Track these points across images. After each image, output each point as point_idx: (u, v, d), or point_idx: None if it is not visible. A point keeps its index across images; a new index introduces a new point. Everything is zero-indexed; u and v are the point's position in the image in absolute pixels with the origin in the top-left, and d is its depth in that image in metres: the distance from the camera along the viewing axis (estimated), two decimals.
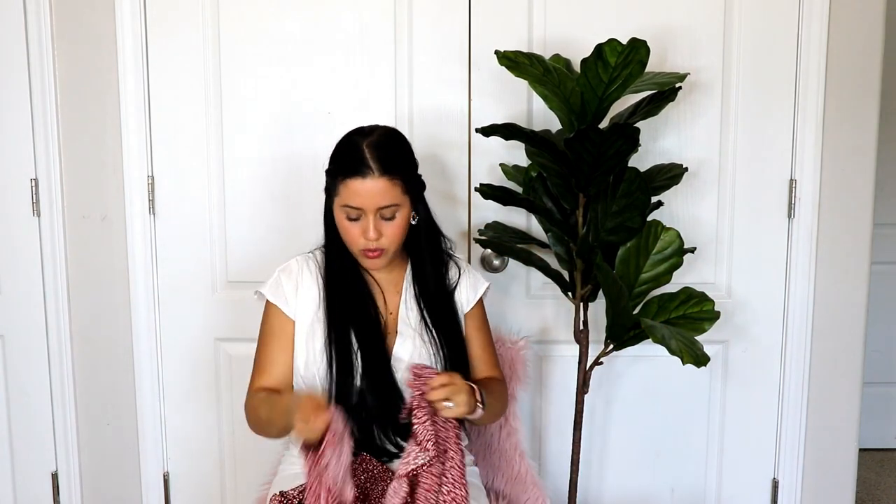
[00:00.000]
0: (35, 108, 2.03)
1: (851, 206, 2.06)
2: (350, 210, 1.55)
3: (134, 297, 2.10)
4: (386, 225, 1.56)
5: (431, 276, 1.68)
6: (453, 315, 1.70)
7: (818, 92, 2.01)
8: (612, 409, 2.17)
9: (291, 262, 1.69)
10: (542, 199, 1.86)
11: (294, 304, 1.65)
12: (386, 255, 1.60)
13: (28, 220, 2.08)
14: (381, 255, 1.59)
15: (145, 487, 2.18)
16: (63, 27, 2.02)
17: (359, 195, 1.53)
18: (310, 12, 2.01)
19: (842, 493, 2.18)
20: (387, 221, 1.56)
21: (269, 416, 1.58)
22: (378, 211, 1.54)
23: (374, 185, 1.52)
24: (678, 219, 2.07)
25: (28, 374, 2.14)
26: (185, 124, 2.05)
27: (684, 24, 2.00)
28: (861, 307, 2.10)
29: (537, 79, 1.69)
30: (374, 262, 1.60)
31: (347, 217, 1.56)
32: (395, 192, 1.54)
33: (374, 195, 1.52)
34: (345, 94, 2.03)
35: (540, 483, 1.89)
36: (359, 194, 1.52)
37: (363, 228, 1.55)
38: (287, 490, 1.56)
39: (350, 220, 1.56)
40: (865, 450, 3.02)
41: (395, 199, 1.54)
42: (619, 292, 1.70)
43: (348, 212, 1.55)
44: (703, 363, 1.61)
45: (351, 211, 1.55)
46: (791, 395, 2.13)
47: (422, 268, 1.68)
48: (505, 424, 1.88)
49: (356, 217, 1.55)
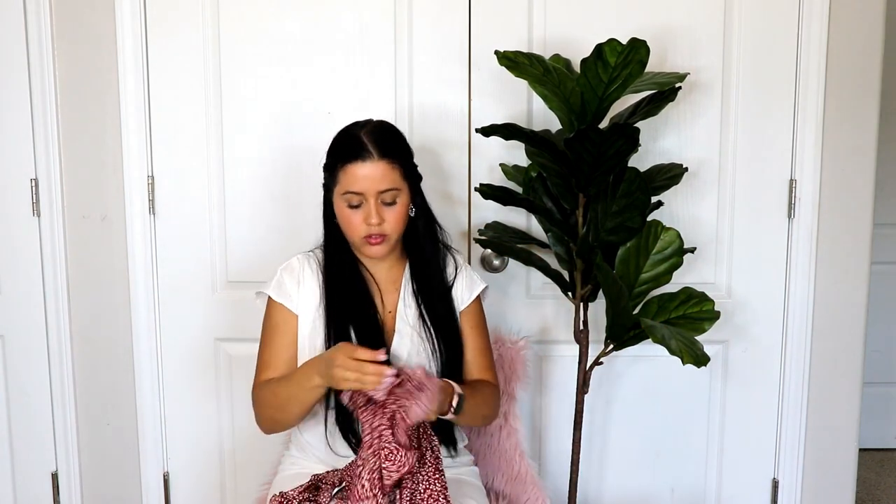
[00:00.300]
0: (35, 108, 2.03)
1: (851, 206, 2.06)
2: (352, 196, 1.56)
3: (134, 297, 2.10)
4: (387, 210, 1.57)
5: (431, 271, 1.68)
6: (451, 312, 1.70)
7: (818, 92, 2.01)
8: (612, 409, 2.17)
9: (293, 260, 1.70)
10: (542, 199, 1.86)
11: (297, 301, 1.66)
12: (388, 243, 1.60)
13: (28, 220, 2.08)
14: (384, 241, 1.59)
15: (145, 487, 2.18)
16: (63, 27, 2.02)
17: (359, 179, 1.54)
18: (310, 12, 2.01)
19: (842, 493, 2.18)
20: (388, 207, 1.57)
21: (288, 391, 1.56)
22: (379, 195, 1.55)
23: (374, 168, 1.54)
24: (678, 219, 2.07)
25: (28, 374, 2.14)
26: (185, 124, 2.05)
27: (684, 24, 2.00)
28: (861, 307, 2.10)
29: (537, 79, 1.69)
30: (377, 250, 1.60)
31: (349, 204, 1.57)
32: (395, 175, 1.56)
33: (374, 178, 1.54)
34: (345, 94, 2.03)
35: (540, 483, 1.89)
36: (359, 179, 1.54)
37: (365, 214, 1.56)
38: (287, 490, 1.56)
39: (351, 207, 1.57)
40: (865, 450, 3.02)
41: (395, 182, 1.56)
42: (619, 292, 1.70)
43: (350, 198, 1.56)
44: (703, 363, 1.61)
45: (352, 197, 1.56)
46: (791, 395, 2.13)
47: (420, 263, 1.69)
48: (505, 424, 1.88)
49: (357, 204, 1.56)
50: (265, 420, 1.65)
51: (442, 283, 1.70)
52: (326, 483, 1.57)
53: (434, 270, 1.69)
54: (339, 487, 1.54)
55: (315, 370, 1.51)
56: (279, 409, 1.60)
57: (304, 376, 1.54)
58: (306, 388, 1.53)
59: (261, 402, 1.64)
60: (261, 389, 1.64)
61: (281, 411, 1.60)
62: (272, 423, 1.64)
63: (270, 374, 1.65)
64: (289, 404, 1.58)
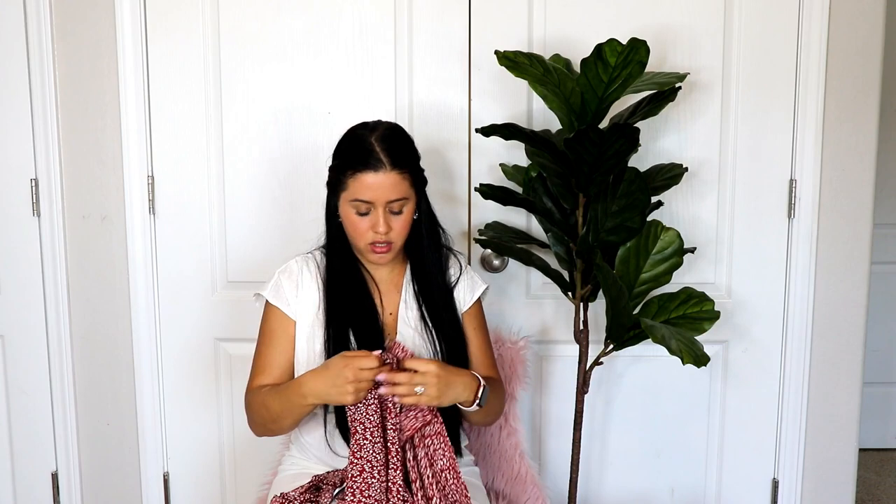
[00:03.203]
0: (35, 108, 2.03)
1: (851, 206, 2.06)
2: (360, 204, 1.55)
3: (134, 296, 2.10)
4: (394, 219, 1.57)
5: (432, 272, 1.68)
6: (453, 313, 1.69)
7: (818, 92, 2.01)
8: (612, 409, 2.17)
9: (291, 263, 1.69)
10: (542, 199, 1.86)
11: (295, 305, 1.65)
12: (393, 250, 1.60)
13: (28, 220, 2.08)
14: (390, 249, 1.59)
15: (145, 487, 2.18)
16: (63, 27, 2.02)
17: (370, 189, 1.53)
18: (310, 12, 2.01)
19: (842, 493, 2.18)
20: (395, 216, 1.57)
21: (281, 406, 1.54)
22: (388, 205, 1.55)
23: (385, 179, 1.53)
24: (678, 219, 2.07)
25: (28, 374, 2.14)
26: (185, 124, 2.05)
27: (684, 24, 2.00)
28: (861, 307, 2.10)
29: (537, 79, 1.69)
30: (382, 257, 1.60)
31: (357, 212, 1.56)
32: (405, 185, 1.55)
33: (385, 189, 1.53)
34: (345, 94, 2.03)
35: (540, 483, 1.89)
36: (370, 188, 1.53)
37: (373, 222, 1.55)
38: (288, 491, 1.56)
39: (359, 214, 1.56)
40: (865, 450, 3.03)
41: (404, 192, 1.55)
42: (619, 292, 1.70)
43: (358, 206, 1.55)
44: (703, 363, 1.61)
45: (361, 205, 1.55)
46: (791, 395, 2.13)
47: (422, 264, 1.68)
48: (505, 424, 1.88)
49: (366, 211, 1.56)
50: (257, 426, 1.65)
51: (444, 285, 1.69)
52: (327, 484, 1.57)
53: (435, 272, 1.69)
54: (339, 488, 1.54)
55: (310, 391, 1.49)
56: (271, 420, 1.59)
57: (297, 395, 1.51)
58: (299, 406, 1.52)
59: (253, 410, 1.63)
60: (254, 396, 1.62)
61: (272, 423, 1.60)
62: (264, 430, 1.64)
63: (264, 379, 1.64)
64: (281, 418, 1.57)
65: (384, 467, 1.48)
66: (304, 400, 1.50)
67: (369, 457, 1.48)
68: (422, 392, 1.47)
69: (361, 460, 1.48)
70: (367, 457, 1.48)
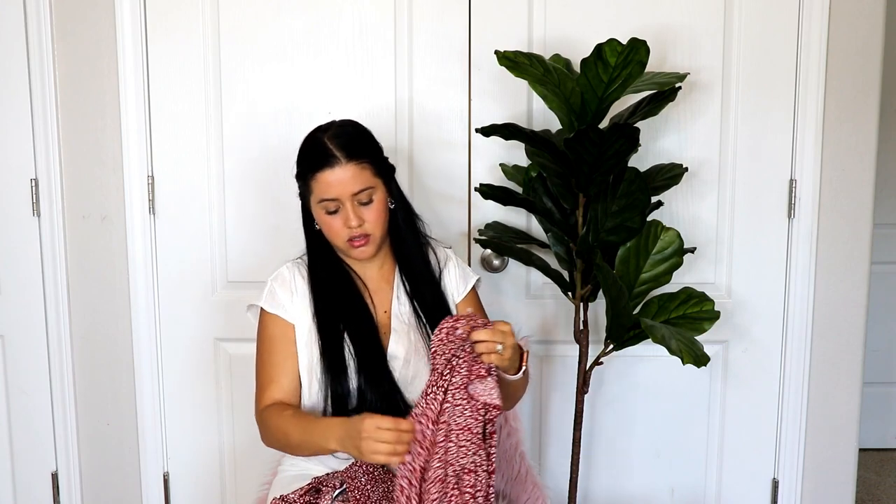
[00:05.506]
0: (35, 108, 2.03)
1: (851, 206, 2.06)
2: (328, 203, 1.55)
3: (134, 296, 2.10)
4: (365, 210, 1.57)
5: (416, 263, 1.67)
6: (441, 301, 1.68)
7: (818, 92, 2.01)
8: (612, 409, 2.17)
9: (282, 270, 1.67)
10: (542, 199, 1.86)
11: (292, 310, 1.64)
12: (373, 242, 1.59)
13: (28, 220, 2.08)
14: (368, 241, 1.58)
15: (145, 487, 2.18)
16: (63, 27, 2.02)
17: (332, 186, 1.54)
18: (310, 12, 2.01)
19: (842, 493, 2.18)
20: (365, 207, 1.57)
21: (301, 440, 1.52)
22: (353, 197, 1.55)
23: (343, 173, 1.53)
24: (678, 219, 2.07)
25: (28, 374, 2.14)
26: (185, 124, 2.05)
27: (684, 24, 2.00)
28: (861, 307, 2.10)
29: (537, 79, 1.69)
30: (363, 251, 1.59)
31: (326, 211, 1.56)
32: (366, 175, 1.55)
33: (346, 183, 1.53)
34: (345, 94, 2.03)
35: (540, 483, 1.88)
36: (331, 185, 1.54)
37: (344, 218, 1.56)
38: (288, 493, 1.56)
39: (329, 213, 1.57)
40: (865, 450, 3.02)
41: (367, 181, 1.55)
42: (619, 292, 1.70)
43: (326, 205, 1.56)
44: (703, 363, 1.61)
45: (328, 204, 1.55)
46: (791, 395, 2.13)
47: (408, 258, 1.67)
48: (505, 424, 1.88)
49: (335, 210, 1.56)
50: (272, 444, 1.62)
51: (428, 274, 1.68)
52: (327, 486, 1.56)
53: (419, 262, 1.68)
54: (339, 490, 1.54)
55: (334, 437, 1.45)
56: (288, 447, 1.58)
57: (321, 437, 1.48)
58: (320, 446, 1.49)
59: (270, 432, 1.59)
60: (270, 419, 1.58)
61: (289, 448, 1.59)
62: (279, 448, 1.63)
63: (275, 391, 1.61)
64: (300, 449, 1.56)
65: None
66: (326, 443, 1.47)
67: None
68: (501, 350, 1.44)
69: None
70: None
